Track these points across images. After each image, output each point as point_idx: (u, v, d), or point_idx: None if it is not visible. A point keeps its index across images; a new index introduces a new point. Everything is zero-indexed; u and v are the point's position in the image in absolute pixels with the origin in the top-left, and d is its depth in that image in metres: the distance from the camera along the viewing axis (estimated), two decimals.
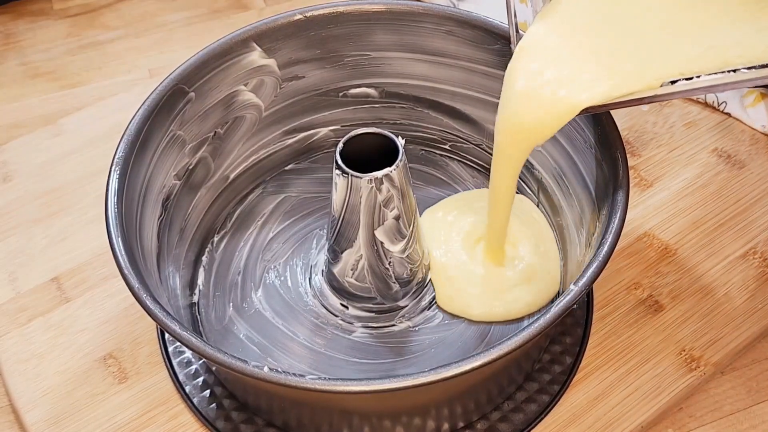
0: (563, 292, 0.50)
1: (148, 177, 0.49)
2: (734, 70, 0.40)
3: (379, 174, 0.46)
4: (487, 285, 0.53)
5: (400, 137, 0.47)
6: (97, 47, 0.75)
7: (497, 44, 0.53)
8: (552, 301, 0.53)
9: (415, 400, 0.45)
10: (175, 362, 0.52)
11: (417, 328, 0.53)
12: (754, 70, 0.40)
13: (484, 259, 0.54)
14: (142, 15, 0.78)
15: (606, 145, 0.47)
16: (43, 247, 0.58)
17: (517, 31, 0.46)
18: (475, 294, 0.53)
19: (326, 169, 0.60)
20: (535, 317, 0.41)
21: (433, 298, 0.54)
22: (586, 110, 0.43)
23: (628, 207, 0.45)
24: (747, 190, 0.59)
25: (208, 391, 0.51)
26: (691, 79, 0.41)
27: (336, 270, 0.51)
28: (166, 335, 0.53)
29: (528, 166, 0.57)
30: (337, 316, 0.53)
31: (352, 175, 0.46)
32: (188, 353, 0.52)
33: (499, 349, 0.40)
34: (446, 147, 0.61)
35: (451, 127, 0.60)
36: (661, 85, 0.42)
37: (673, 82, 0.42)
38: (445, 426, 0.49)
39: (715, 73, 0.41)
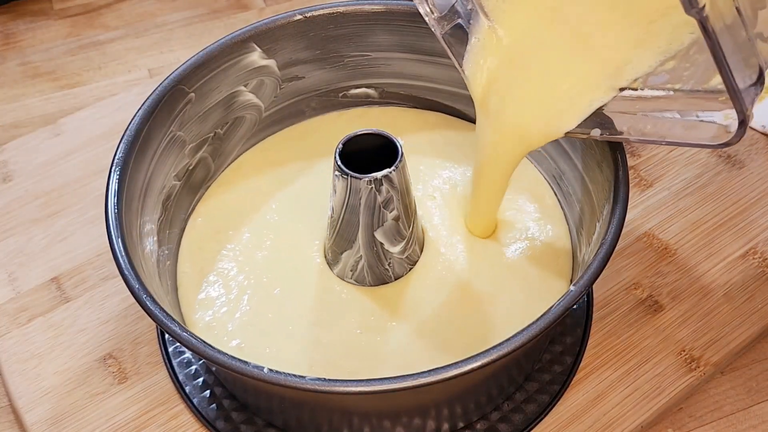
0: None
1: (148, 177, 0.49)
2: (675, 90, 0.40)
3: (378, 175, 0.46)
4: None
5: (399, 138, 0.47)
6: (97, 47, 0.75)
7: None
8: None
9: (415, 401, 0.45)
10: (175, 362, 0.52)
11: None
12: (692, 92, 0.40)
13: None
14: (142, 15, 0.78)
15: (606, 146, 0.47)
16: (43, 247, 0.58)
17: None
18: None
19: None
20: (536, 318, 0.41)
21: None
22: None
23: (628, 207, 0.45)
24: (747, 190, 0.59)
25: (208, 391, 0.51)
26: (636, 89, 0.42)
27: (335, 271, 0.51)
28: (166, 335, 0.53)
29: None
30: None
31: (351, 176, 0.46)
32: (188, 353, 0.52)
33: (499, 350, 0.40)
34: None
35: None
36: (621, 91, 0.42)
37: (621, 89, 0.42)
38: (445, 426, 0.49)
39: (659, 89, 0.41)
